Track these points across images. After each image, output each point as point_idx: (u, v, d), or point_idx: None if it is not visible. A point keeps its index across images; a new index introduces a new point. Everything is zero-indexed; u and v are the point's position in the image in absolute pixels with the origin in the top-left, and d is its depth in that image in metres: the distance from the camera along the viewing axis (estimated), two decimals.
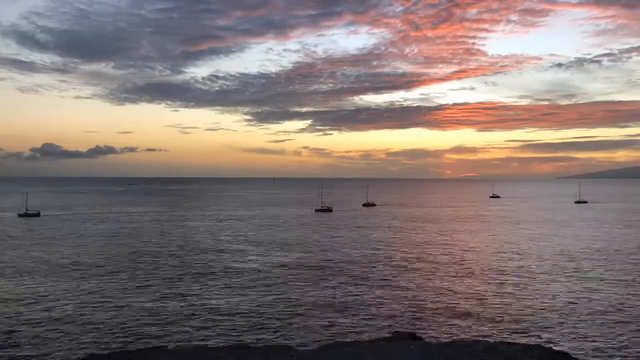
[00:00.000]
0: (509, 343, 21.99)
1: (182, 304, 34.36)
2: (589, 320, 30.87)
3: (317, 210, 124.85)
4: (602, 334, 28.27)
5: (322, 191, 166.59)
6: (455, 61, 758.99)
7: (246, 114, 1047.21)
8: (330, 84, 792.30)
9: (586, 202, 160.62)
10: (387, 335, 26.05)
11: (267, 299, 35.81)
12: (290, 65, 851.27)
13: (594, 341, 27.05)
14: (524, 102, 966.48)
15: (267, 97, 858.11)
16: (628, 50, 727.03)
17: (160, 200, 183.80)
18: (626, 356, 24.97)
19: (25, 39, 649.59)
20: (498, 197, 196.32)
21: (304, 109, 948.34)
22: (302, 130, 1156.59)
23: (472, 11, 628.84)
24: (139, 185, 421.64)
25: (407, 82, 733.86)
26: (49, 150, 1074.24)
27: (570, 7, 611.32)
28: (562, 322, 30.34)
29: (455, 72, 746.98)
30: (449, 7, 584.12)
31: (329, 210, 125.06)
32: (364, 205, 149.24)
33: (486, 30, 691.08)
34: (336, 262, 51.23)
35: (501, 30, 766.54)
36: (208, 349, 22.49)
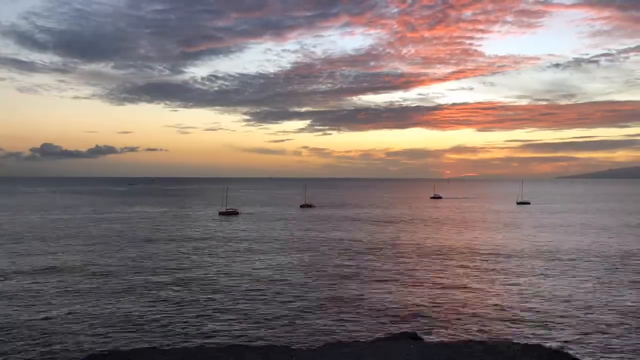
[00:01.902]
0: (509, 343, 21.99)
1: (181, 304, 34.39)
2: (589, 319, 30.87)
3: (221, 213, 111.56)
4: (603, 332, 28.28)
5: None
6: (453, 62, 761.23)
7: (245, 114, 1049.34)
8: (329, 84, 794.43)
9: (528, 204, 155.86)
10: (387, 335, 26.04)
11: (266, 299, 35.83)
12: (289, 66, 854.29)
13: (594, 340, 27.06)
14: (523, 102, 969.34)
15: (266, 97, 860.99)
16: (625, 51, 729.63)
17: (158, 200, 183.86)
18: (626, 355, 24.98)
19: (24, 39, 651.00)
20: (440, 197, 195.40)
21: (303, 109, 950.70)
22: (301, 130, 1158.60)
23: (467, 12, 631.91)
24: (139, 185, 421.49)
25: (406, 82, 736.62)
26: (49, 150, 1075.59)
27: (564, 9, 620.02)
28: (562, 322, 30.35)
29: (453, 72, 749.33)
30: (444, 8, 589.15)
31: (235, 213, 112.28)
32: (302, 206, 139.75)
33: (482, 31, 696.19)
34: (329, 262, 51.28)
35: (497, 31, 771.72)
36: (208, 349, 22.48)
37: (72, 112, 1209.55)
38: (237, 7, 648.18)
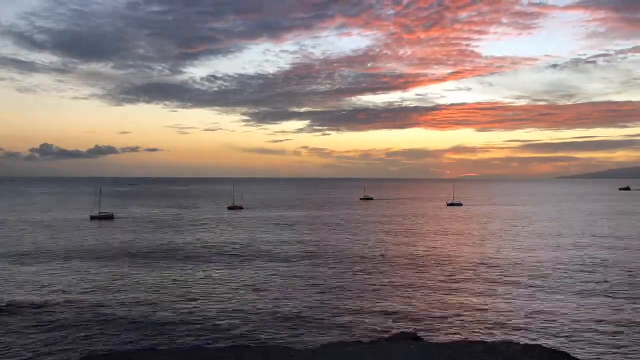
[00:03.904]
0: (509, 343, 21.98)
1: (181, 304, 34.39)
2: (588, 318, 30.88)
3: (93, 218, 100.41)
4: (602, 332, 28.29)
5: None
6: (450, 62, 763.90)
7: (244, 114, 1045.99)
8: (327, 85, 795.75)
9: (460, 205, 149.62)
10: (387, 335, 26.05)
11: (267, 299, 35.84)
12: (287, 66, 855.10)
13: (594, 340, 27.07)
14: (522, 102, 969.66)
15: (265, 98, 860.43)
16: (622, 52, 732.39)
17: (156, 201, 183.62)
18: (627, 355, 24.99)
19: (23, 39, 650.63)
20: (371, 199, 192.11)
21: (302, 109, 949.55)
22: (300, 130, 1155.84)
23: (463, 14, 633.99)
24: (139, 185, 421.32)
25: (404, 82, 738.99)
26: (48, 150, 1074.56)
27: (559, 10, 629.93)
28: (561, 321, 30.36)
29: (451, 73, 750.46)
30: (439, 10, 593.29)
31: (110, 217, 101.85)
32: (230, 208, 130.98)
33: (478, 32, 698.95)
34: (331, 262, 51.30)
35: (494, 32, 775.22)
36: (208, 349, 22.50)
37: (72, 112, 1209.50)
38: (234, 9, 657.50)
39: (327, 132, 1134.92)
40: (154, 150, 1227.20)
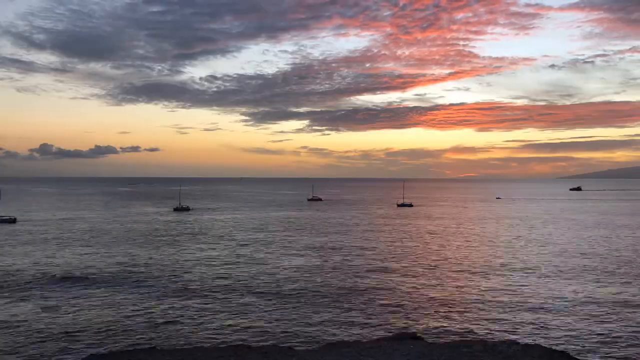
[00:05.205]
0: (509, 343, 21.98)
1: (181, 304, 34.39)
2: (588, 318, 30.90)
3: None
4: (602, 332, 28.30)
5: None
6: (448, 63, 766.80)
7: (243, 114, 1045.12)
8: (326, 85, 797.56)
9: (411, 206, 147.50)
10: (387, 335, 26.07)
11: (267, 299, 35.85)
12: (286, 67, 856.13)
13: (594, 340, 27.08)
14: (521, 102, 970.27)
15: (265, 98, 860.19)
16: (621, 52, 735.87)
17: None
18: (626, 354, 25.01)
19: (22, 39, 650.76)
20: (320, 199, 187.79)
21: (302, 109, 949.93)
22: (300, 130, 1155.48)
23: (459, 15, 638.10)
24: (139, 185, 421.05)
25: (403, 83, 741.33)
26: (48, 151, 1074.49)
27: (555, 11, 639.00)
28: (561, 321, 30.38)
29: (450, 73, 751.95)
30: (436, 12, 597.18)
31: (12, 221, 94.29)
32: (176, 209, 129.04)
33: (476, 32, 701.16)
34: (333, 262, 51.31)
35: (491, 33, 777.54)
36: (208, 348, 22.50)
37: (71, 112, 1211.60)
38: (232, 10, 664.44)
39: (327, 132, 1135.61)
40: (153, 150, 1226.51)
